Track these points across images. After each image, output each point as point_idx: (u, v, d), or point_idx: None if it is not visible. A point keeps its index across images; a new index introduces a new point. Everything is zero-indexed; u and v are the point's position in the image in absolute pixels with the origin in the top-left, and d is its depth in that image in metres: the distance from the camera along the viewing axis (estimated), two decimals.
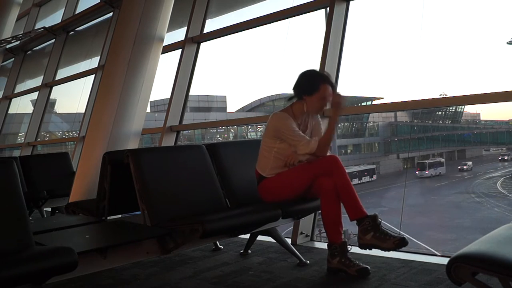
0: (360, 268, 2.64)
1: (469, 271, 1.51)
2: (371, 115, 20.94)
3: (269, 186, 2.89)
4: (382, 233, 2.60)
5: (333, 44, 4.07)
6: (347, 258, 2.67)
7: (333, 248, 2.70)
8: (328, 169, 2.71)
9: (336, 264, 2.68)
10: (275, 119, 2.89)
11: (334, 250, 2.69)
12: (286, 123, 2.84)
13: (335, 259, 2.68)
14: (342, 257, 2.67)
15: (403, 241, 2.58)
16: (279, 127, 2.86)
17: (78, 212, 3.53)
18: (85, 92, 7.63)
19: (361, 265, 2.65)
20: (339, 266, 2.67)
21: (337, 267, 2.68)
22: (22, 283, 1.84)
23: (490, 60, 27.34)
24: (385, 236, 2.59)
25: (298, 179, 2.80)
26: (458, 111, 20.92)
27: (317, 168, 2.74)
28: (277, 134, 2.86)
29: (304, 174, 2.77)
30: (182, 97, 5.52)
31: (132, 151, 2.85)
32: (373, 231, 2.61)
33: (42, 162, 5.74)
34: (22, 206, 2.10)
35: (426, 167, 20.17)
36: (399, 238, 2.58)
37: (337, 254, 2.68)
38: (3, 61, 10.51)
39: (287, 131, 2.83)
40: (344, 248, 2.68)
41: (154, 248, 2.55)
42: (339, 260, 2.67)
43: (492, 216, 15.68)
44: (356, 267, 2.63)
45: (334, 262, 2.69)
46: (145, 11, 4.82)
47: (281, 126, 2.85)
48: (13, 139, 11.57)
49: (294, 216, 3.08)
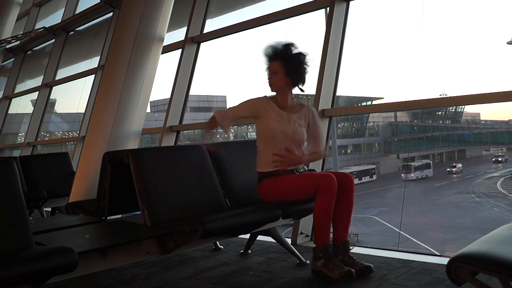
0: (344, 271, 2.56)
1: (469, 271, 1.51)
2: (371, 115, 20.94)
3: (269, 188, 2.85)
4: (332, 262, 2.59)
5: (333, 44, 4.07)
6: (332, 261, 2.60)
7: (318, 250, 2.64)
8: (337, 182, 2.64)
9: (319, 266, 2.63)
10: None
11: (318, 252, 2.64)
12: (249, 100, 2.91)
13: (319, 262, 2.63)
14: (326, 260, 2.60)
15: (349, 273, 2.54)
16: None
17: (78, 212, 3.53)
18: (85, 92, 7.64)
19: (345, 268, 2.57)
20: (321, 269, 2.61)
21: (318, 270, 2.63)
22: (22, 283, 1.84)
23: (490, 60, 27.34)
24: (334, 266, 2.58)
25: (303, 188, 2.75)
26: (458, 111, 20.92)
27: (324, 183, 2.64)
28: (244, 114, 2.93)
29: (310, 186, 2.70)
30: (182, 97, 5.53)
31: (132, 151, 2.85)
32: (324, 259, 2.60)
33: (42, 162, 5.73)
34: (22, 206, 2.11)
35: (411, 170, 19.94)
36: (345, 271, 2.55)
37: (321, 256, 2.62)
38: (3, 61, 10.51)
39: None
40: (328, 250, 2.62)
41: (154, 248, 2.55)
42: (323, 263, 2.61)
43: (492, 216, 15.67)
44: (339, 270, 2.56)
45: (318, 264, 2.64)
46: (145, 11, 4.81)
47: None
48: (13, 139, 11.58)
49: (294, 216, 3.07)
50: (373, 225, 15.73)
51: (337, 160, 17.11)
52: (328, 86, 4.02)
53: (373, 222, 15.95)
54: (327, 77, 4.01)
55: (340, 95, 13.10)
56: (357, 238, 11.99)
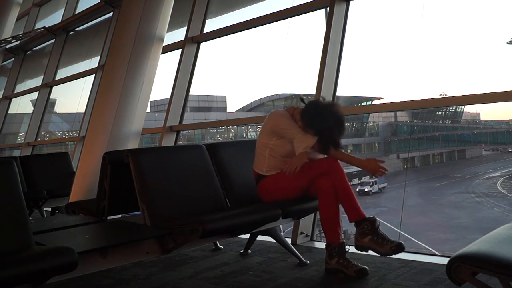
0: (359, 268, 2.63)
1: (469, 271, 1.51)
2: (371, 115, 20.92)
3: (267, 186, 2.90)
4: (380, 236, 2.61)
5: (333, 44, 4.07)
6: (345, 259, 2.66)
7: (331, 248, 2.69)
8: (326, 170, 2.71)
9: (334, 264, 2.68)
10: (275, 116, 2.92)
11: (332, 250, 2.69)
12: (284, 119, 2.88)
13: (333, 260, 2.68)
14: (340, 257, 2.66)
15: (400, 247, 2.57)
16: (277, 123, 2.88)
17: (78, 212, 3.53)
18: (85, 92, 7.64)
19: (359, 266, 2.65)
20: (337, 266, 2.66)
21: (335, 268, 2.68)
22: (22, 283, 1.84)
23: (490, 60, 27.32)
24: (383, 241, 2.59)
25: (296, 180, 2.79)
26: (458, 111, 20.90)
27: (315, 169, 2.75)
28: (275, 129, 2.88)
29: (303, 175, 2.77)
30: (182, 97, 5.53)
31: (132, 151, 2.84)
32: (371, 234, 2.61)
33: (42, 162, 5.73)
34: (22, 206, 2.11)
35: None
36: (396, 244, 2.58)
37: (335, 254, 2.67)
38: (3, 61, 10.51)
39: (285, 125, 2.86)
40: (342, 248, 2.68)
41: (154, 248, 2.55)
42: (337, 260, 2.66)
43: (492, 216, 15.66)
44: (354, 268, 2.63)
45: (332, 262, 2.68)
46: (145, 11, 4.81)
47: (279, 122, 2.88)
48: (13, 139, 11.57)
49: (294, 216, 3.08)
50: None
51: None
52: (328, 86, 4.02)
53: None
54: (327, 77, 4.01)
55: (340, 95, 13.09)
56: None
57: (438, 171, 20.72)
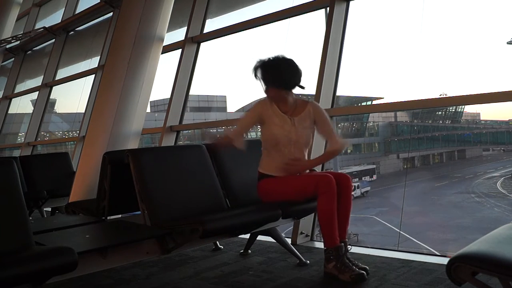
0: (356, 274, 2.56)
1: (469, 271, 1.50)
2: (371, 115, 20.92)
3: (268, 188, 2.86)
4: (343, 264, 2.59)
5: (333, 44, 4.07)
6: (343, 263, 2.60)
7: (329, 252, 2.64)
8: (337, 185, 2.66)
9: (330, 269, 2.62)
10: None
11: (329, 254, 2.63)
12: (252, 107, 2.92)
13: (330, 264, 2.63)
14: (338, 261, 2.60)
15: (360, 277, 2.55)
16: None
17: (78, 212, 3.53)
18: (85, 92, 7.64)
19: (356, 271, 2.57)
20: (333, 271, 2.61)
21: (331, 273, 2.63)
22: (22, 283, 1.84)
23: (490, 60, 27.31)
24: (345, 268, 2.57)
25: (301, 189, 2.75)
26: (458, 111, 20.90)
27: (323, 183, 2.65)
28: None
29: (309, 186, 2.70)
30: (182, 97, 5.53)
31: (132, 151, 2.85)
32: (335, 261, 2.60)
33: (42, 162, 5.74)
34: (22, 206, 2.11)
35: None
36: (357, 273, 2.55)
37: (332, 258, 2.62)
38: (3, 61, 10.51)
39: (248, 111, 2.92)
40: (339, 251, 2.62)
41: (154, 248, 2.55)
42: (334, 265, 2.61)
43: (492, 216, 15.66)
44: (351, 273, 2.56)
45: (329, 266, 2.63)
46: (145, 11, 4.81)
47: None
48: (13, 139, 11.57)
49: (294, 216, 3.07)
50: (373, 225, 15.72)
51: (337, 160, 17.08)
52: (328, 86, 4.02)
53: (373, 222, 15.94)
54: (327, 77, 4.01)
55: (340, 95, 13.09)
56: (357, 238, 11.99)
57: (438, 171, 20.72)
